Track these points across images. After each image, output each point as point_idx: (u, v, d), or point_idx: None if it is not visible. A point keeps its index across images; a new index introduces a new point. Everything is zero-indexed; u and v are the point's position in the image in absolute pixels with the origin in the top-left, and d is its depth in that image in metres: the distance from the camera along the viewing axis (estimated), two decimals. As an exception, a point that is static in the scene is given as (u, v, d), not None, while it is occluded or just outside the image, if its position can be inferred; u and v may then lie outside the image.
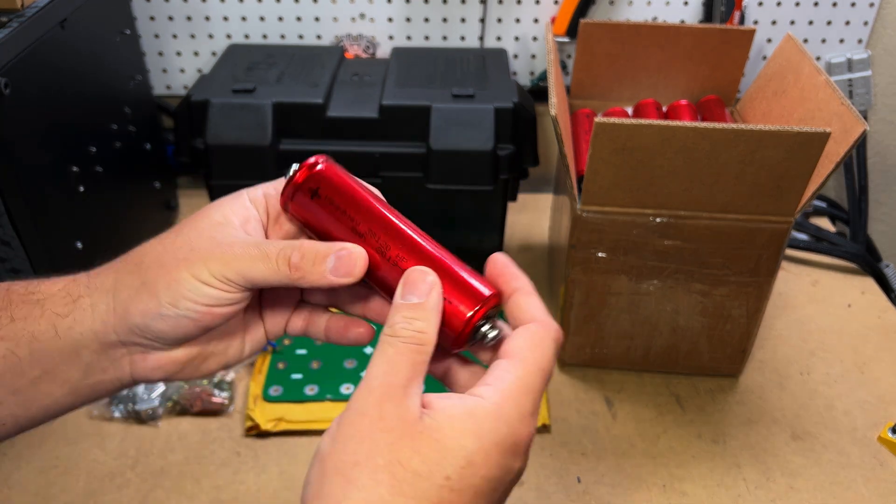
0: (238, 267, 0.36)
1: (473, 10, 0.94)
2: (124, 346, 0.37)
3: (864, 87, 0.98)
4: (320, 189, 0.38)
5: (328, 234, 0.38)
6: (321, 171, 0.38)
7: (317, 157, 0.39)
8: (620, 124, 0.57)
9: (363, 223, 0.37)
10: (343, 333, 0.41)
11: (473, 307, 0.35)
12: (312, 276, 0.36)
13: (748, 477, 0.64)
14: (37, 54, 0.63)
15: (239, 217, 0.38)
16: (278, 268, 0.36)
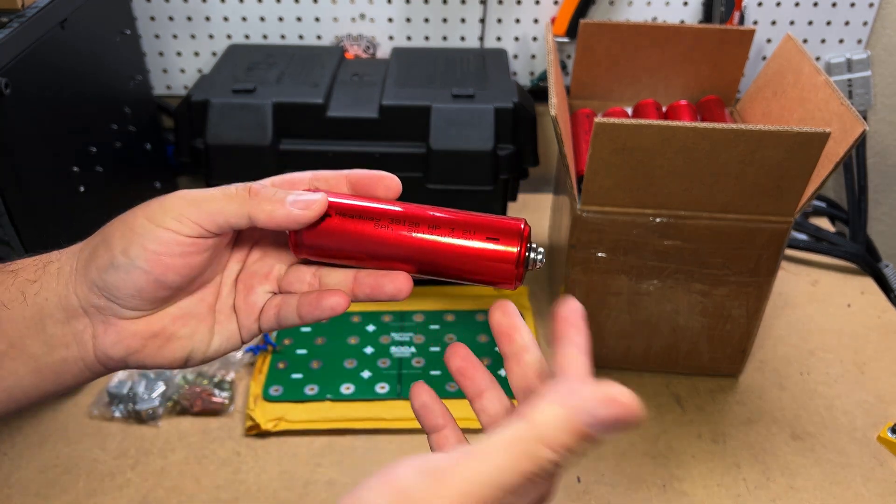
0: (194, 198, 0.35)
1: (473, 11, 0.94)
2: (85, 314, 0.36)
3: (863, 88, 0.98)
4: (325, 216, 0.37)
5: (358, 245, 0.38)
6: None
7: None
8: (620, 124, 0.57)
9: (383, 220, 0.38)
10: (316, 305, 0.38)
11: (517, 244, 0.38)
12: (271, 203, 0.35)
13: (748, 477, 0.64)
14: (37, 54, 0.63)
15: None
16: (237, 194, 0.35)
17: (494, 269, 0.37)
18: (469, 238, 0.37)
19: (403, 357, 0.74)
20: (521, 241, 0.38)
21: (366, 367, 0.73)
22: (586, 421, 0.28)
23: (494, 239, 0.37)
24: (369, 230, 0.38)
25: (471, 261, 0.37)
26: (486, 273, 0.38)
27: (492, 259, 0.37)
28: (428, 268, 0.38)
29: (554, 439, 0.28)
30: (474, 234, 0.37)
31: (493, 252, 0.37)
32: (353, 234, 0.37)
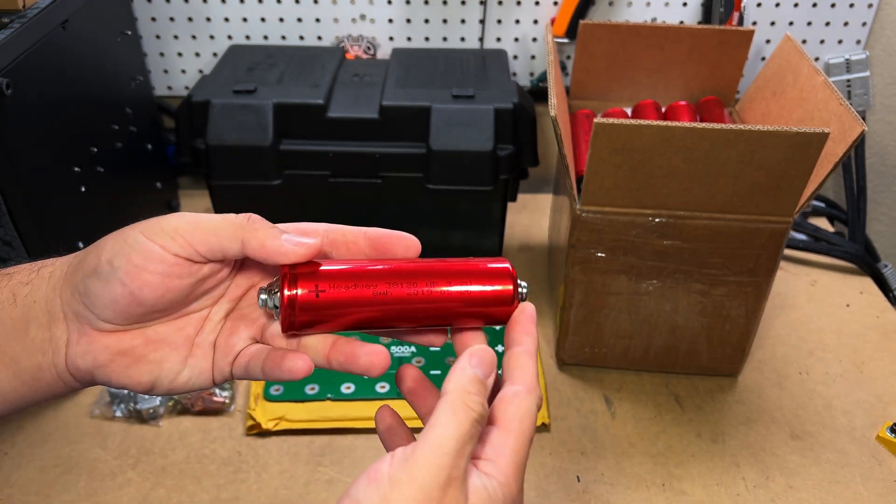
0: (192, 219, 0.35)
1: (473, 12, 0.94)
2: (65, 319, 0.37)
3: (862, 88, 0.98)
4: (319, 294, 0.37)
5: (353, 318, 0.38)
6: (300, 271, 0.37)
7: (284, 289, 0.36)
8: (620, 125, 0.57)
9: (379, 284, 0.37)
10: (278, 364, 0.38)
11: (511, 283, 0.39)
12: (265, 232, 0.35)
13: (747, 476, 0.64)
14: (38, 55, 0.63)
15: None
16: (235, 219, 0.35)
17: (492, 312, 0.39)
18: (466, 289, 0.38)
19: (404, 357, 0.75)
20: (512, 281, 0.39)
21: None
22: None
23: (488, 285, 0.39)
24: (363, 301, 0.37)
25: (471, 310, 0.39)
26: (484, 317, 0.39)
27: (491, 303, 0.39)
28: (427, 323, 0.39)
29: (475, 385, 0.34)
30: (470, 283, 0.38)
31: (492, 295, 0.39)
32: (350, 301, 0.37)
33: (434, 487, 0.30)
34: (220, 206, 0.79)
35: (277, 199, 0.77)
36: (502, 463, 0.33)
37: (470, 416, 0.32)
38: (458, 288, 0.38)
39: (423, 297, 0.38)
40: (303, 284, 0.36)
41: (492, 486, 0.32)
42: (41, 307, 0.37)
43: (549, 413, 0.69)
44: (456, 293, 0.38)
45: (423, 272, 0.38)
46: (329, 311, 0.37)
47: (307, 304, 0.36)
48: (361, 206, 0.79)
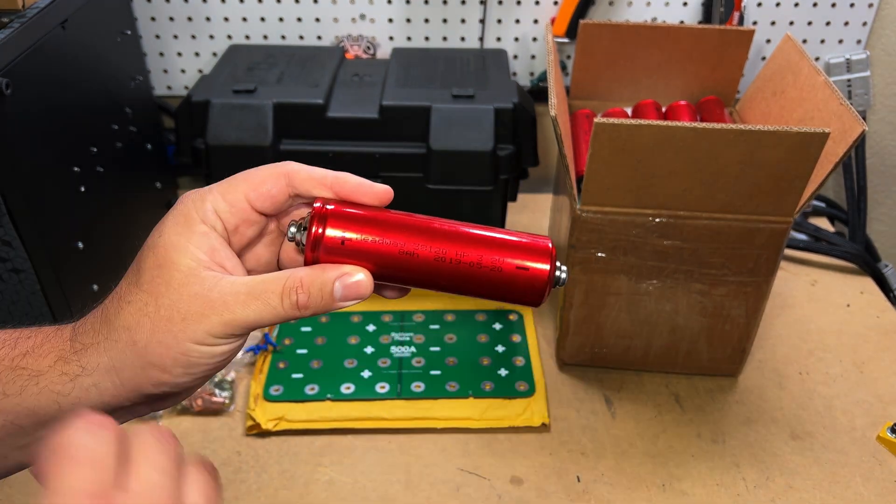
0: (241, 320, 0.35)
1: (473, 11, 0.94)
2: (138, 404, 0.37)
3: (862, 88, 0.98)
4: (345, 241, 0.36)
5: (375, 269, 0.37)
6: (332, 211, 0.36)
7: (317, 205, 0.37)
8: (620, 125, 0.57)
9: (407, 243, 0.36)
10: None
11: (548, 263, 0.37)
12: (322, 308, 0.36)
13: (747, 476, 0.64)
14: (38, 55, 0.63)
15: (205, 251, 0.36)
16: (285, 311, 0.35)
17: (525, 290, 0.37)
18: (499, 261, 0.37)
19: (403, 357, 0.74)
20: (551, 260, 0.37)
21: (366, 366, 0.73)
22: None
23: (525, 260, 0.37)
24: (392, 253, 0.36)
25: (503, 283, 0.37)
26: (517, 294, 0.37)
27: (525, 280, 0.37)
28: (451, 289, 0.38)
29: None
30: (506, 255, 0.37)
31: (524, 276, 0.37)
32: (374, 254, 0.36)
33: None
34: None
35: (277, 198, 0.77)
36: None
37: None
38: (490, 263, 0.37)
39: (449, 266, 0.37)
40: (332, 226, 0.36)
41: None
42: (99, 408, 0.36)
43: (549, 413, 0.69)
44: (486, 269, 0.37)
45: (456, 238, 0.37)
46: (352, 258, 0.36)
47: (332, 248, 0.36)
48: (361, 205, 0.79)
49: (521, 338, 0.77)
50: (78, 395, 0.35)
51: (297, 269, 0.36)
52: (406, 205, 0.39)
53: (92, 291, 0.72)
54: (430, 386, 0.71)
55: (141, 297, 0.35)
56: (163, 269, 0.35)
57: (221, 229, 0.37)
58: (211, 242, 0.36)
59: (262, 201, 0.37)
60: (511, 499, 0.62)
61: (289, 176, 0.37)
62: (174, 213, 0.37)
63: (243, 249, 0.39)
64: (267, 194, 0.37)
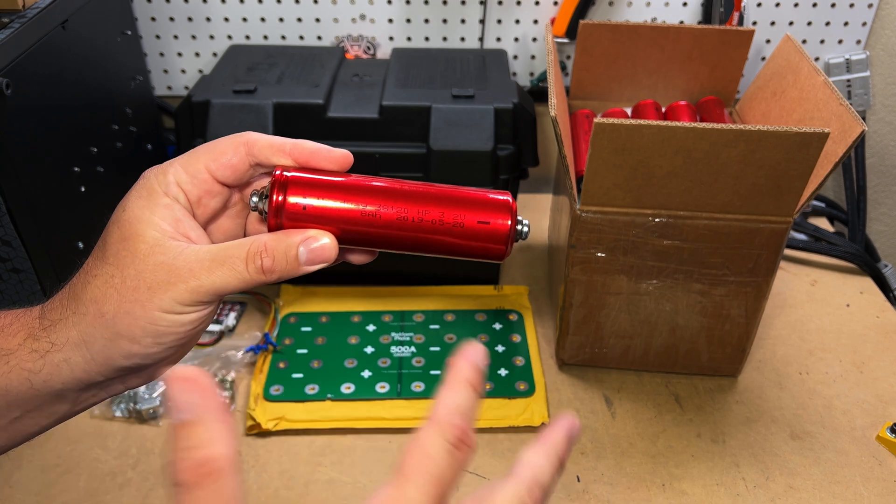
0: (208, 287, 0.35)
1: (473, 12, 0.94)
2: (111, 378, 0.37)
3: (862, 88, 0.98)
4: (306, 206, 0.37)
5: (339, 232, 0.38)
6: (292, 178, 0.37)
7: (277, 173, 0.37)
8: (620, 125, 0.57)
9: (368, 205, 0.37)
10: None
11: (508, 217, 0.38)
12: (287, 272, 0.36)
13: (747, 476, 0.64)
14: (38, 55, 0.63)
15: (169, 222, 0.36)
16: (250, 275, 0.35)
17: (488, 244, 0.38)
18: (460, 217, 0.37)
19: (404, 357, 0.75)
20: (511, 214, 0.38)
21: (366, 366, 0.73)
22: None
23: (486, 214, 0.38)
24: (355, 216, 0.37)
25: (466, 239, 0.38)
26: (480, 249, 0.38)
27: (485, 238, 0.38)
28: (416, 249, 0.38)
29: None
30: (467, 211, 0.37)
31: (486, 230, 0.37)
32: (336, 218, 0.37)
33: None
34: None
35: (277, 199, 0.77)
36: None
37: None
38: (451, 220, 0.37)
39: (412, 224, 0.37)
40: (293, 192, 0.36)
41: None
42: (72, 385, 0.36)
43: (549, 413, 0.69)
44: (448, 226, 0.37)
45: (417, 197, 0.37)
46: (315, 223, 0.37)
47: (294, 214, 0.37)
48: (361, 206, 0.79)
49: (521, 338, 0.77)
50: (49, 371, 0.36)
51: (261, 235, 0.36)
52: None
53: (92, 291, 0.72)
54: (431, 386, 0.71)
55: (107, 269, 0.35)
56: (128, 242, 0.35)
57: (184, 201, 0.37)
58: (174, 213, 0.36)
59: (223, 171, 0.38)
60: (511, 499, 0.62)
61: (248, 145, 0.38)
62: (137, 187, 0.37)
63: (208, 221, 0.39)
64: (227, 164, 0.37)
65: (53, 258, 0.65)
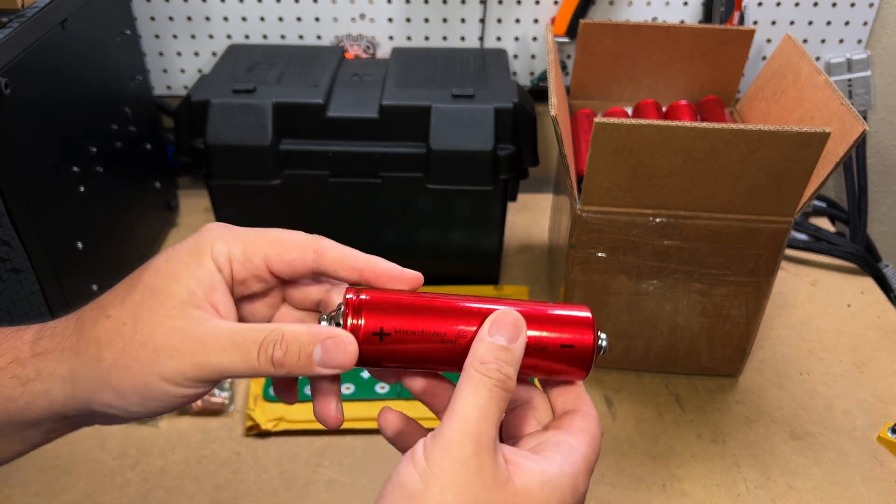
0: (214, 365, 0.33)
1: (473, 11, 0.94)
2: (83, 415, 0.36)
3: (863, 88, 0.98)
4: (384, 330, 0.35)
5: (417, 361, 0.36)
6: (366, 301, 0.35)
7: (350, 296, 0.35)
8: (620, 124, 0.57)
9: (447, 330, 0.35)
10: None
11: (592, 333, 0.36)
12: (298, 370, 0.33)
13: (747, 476, 0.64)
14: (37, 55, 0.63)
15: (203, 288, 0.34)
16: (259, 365, 0.33)
17: (571, 366, 0.36)
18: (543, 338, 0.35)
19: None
20: (595, 329, 0.36)
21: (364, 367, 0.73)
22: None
23: (568, 328, 0.36)
24: (427, 352, 0.35)
25: (545, 365, 0.36)
26: (563, 371, 0.36)
27: (568, 360, 0.36)
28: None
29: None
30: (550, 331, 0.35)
31: (570, 353, 0.36)
32: (405, 357, 0.35)
33: (467, 455, 0.30)
34: (219, 206, 0.79)
35: (277, 198, 0.77)
36: (573, 460, 0.34)
37: (487, 384, 0.32)
38: (532, 344, 0.35)
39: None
40: (368, 318, 0.34)
41: (553, 473, 0.32)
42: (47, 416, 0.35)
43: (549, 413, 0.69)
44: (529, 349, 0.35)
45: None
46: (387, 356, 0.35)
47: (367, 340, 0.35)
48: (361, 205, 0.79)
49: (521, 338, 0.77)
50: (27, 400, 0.34)
51: (286, 324, 0.34)
52: (406, 204, 0.39)
53: (92, 291, 0.72)
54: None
55: (122, 315, 0.34)
56: (155, 294, 0.34)
57: (228, 275, 0.36)
58: (212, 281, 0.35)
59: (282, 267, 0.36)
60: (511, 499, 0.62)
61: (318, 252, 0.36)
62: (190, 241, 0.36)
63: (244, 300, 0.38)
64: (289, 263, 0.36)
65: (53, 258, 0.65)
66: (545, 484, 0.32)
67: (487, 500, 0.30)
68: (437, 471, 0.30)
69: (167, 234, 0.92)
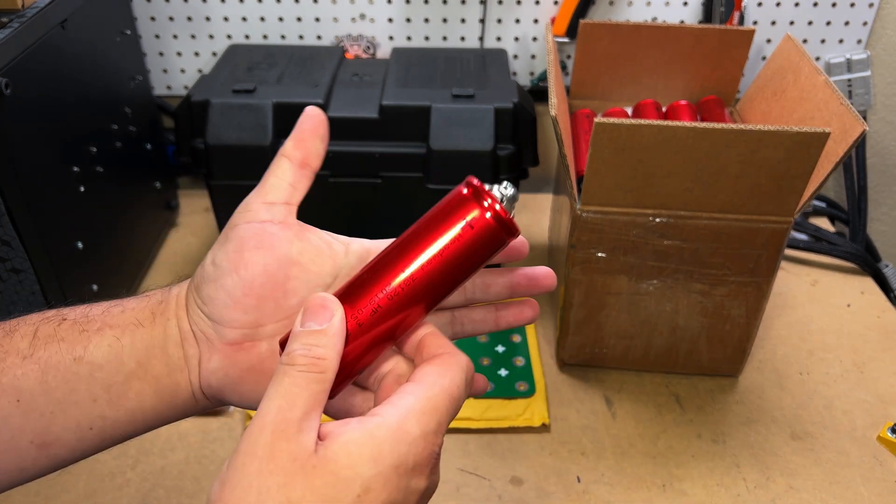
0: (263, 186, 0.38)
1: (473, 11, 0.94)
2: (195, 338, 0.37)
3: (863, 88, 0.98)
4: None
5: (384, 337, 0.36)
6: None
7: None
8: (620, 124, 0.57)
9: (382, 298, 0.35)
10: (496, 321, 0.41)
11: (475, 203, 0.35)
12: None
13: (748, 476, 0.64)
14: (37, 55, 0.63)
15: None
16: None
17: (489, 238, 0.35)
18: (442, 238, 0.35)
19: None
20: (478, 199, 0.35)
21: (366, 366, 0.73)
22: None
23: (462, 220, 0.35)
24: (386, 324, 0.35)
25: (465, 253, 0.35)
26: (488, 247, 0.35)
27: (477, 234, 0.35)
28: (443, 291, 0.36)
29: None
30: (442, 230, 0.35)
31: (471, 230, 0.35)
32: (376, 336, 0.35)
33: (260, 446, 0.30)
34: (219, 206, 0.79)
35: (277, 198, 0.77)
36: (402, 404, 0.32)
37: (290, 372, 0.32)
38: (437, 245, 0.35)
39: (428, 281, 0.35)
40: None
41: (372, 425, 0.31)
42: (174, 324, 0.37)
43: (549, 413, 0.69)
44: (440, 253, 0.34)
45: (405, 252, 0.35)
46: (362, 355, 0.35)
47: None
48: (361, 205, 0.79)
49: (521, 338, 0.77)
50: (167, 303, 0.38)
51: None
52: (406, 204, 0.39)
53: (92, 291, 0.72)
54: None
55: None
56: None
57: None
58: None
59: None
60: (511, 499, 0.62)
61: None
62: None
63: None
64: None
65: (53, 258, 0.65)
66: (355, 442, 0.30)
67: (280, 484, 0.29)
68: (229, 472, 0.30)
69: (167, 234, 0.92)
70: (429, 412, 0.32)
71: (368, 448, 0.30)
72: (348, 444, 0.30)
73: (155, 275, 0.85)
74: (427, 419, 0.32)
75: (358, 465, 0.30)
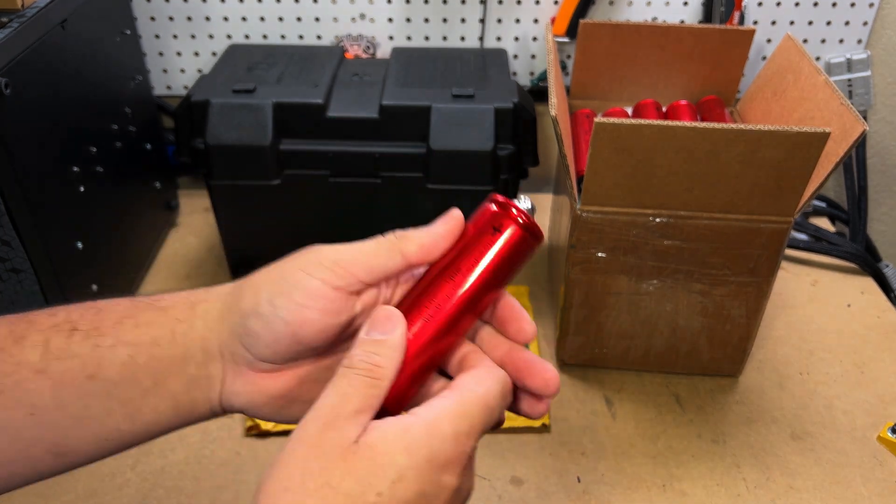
0: (346, 248, 0.37)
1: (473, 11, 0.94)
2: (221, 358, 0.37)
3: (863, 88, 0.98)
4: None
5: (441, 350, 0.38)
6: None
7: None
8: (620, 124, 0.57)
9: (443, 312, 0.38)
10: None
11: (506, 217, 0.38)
12: (417, 235, 0.38)
13: (748, 476, 0.64)
14: (37, 54, 0.63)
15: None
16: (386, 239, 0.38)
17: (521, 249, 0.38)
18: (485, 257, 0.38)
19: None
20: (508, 215, 0.38)
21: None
22: None
23: (494, 233, 0.38)
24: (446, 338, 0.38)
25: (503, 265, 0.38)
26: (519, 256, 0.39)
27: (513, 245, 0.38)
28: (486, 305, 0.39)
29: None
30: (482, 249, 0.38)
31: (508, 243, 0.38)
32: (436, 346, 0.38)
33: (311, 434, 0.32)
34: (219, 206, 0.79)
35: (277, 198, 0.77)
36: (437, 406, 0.34)
37: (347, 374, 0.34)
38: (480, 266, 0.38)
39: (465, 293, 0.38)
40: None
41: (408, 421, 0.33)
42: (198, 346, 0.37)
43: (549, 413, 0.69)
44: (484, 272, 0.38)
45: (453, 278, 0.38)
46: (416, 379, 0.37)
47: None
48: (361, 205, 0.79)
49: (521, 338, 0.77)
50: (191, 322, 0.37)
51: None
52: (406, 204, 0.39)
53: (92, 291, 0.72)
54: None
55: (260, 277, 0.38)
56: (318, 248, 0.38)
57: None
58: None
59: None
60: (511, 499, 0.62)
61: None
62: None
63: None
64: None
65: (53, 258, 0.65)
66: (391, 433, 0.32)
67: (322, 466, 0.31)
68: (279, 456, 0.32)
69: (167, 234, 0.92)
70: (461, 415, 0.34)
71: (403, 440, 0.32)
72: (385, 434, 0.32)
73: (155, 275, 0.85)
74: (459, 421, 0.34)
75: (394, 454, 0.32)
